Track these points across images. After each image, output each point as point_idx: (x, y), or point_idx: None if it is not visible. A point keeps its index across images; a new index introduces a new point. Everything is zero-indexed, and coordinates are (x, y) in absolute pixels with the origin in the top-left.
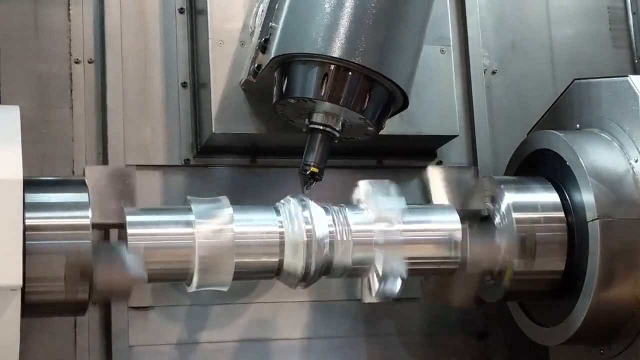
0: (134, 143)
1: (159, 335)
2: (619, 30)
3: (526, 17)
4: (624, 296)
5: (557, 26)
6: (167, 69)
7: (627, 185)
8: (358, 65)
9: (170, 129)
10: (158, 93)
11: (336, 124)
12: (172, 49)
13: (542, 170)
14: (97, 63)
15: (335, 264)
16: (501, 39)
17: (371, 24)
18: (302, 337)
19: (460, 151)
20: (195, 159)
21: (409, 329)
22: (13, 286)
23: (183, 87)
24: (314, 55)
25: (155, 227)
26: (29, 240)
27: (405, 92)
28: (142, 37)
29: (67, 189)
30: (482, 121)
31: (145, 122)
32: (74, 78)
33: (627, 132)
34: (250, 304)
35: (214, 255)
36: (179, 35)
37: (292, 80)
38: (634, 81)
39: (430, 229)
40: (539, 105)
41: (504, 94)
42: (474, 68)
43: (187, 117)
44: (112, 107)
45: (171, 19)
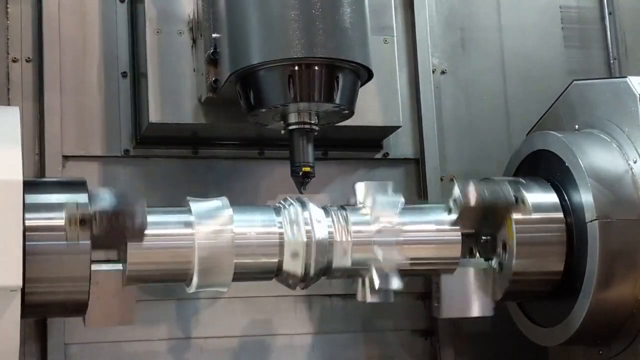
0: (73, 135)
1: (97, 333)
2: (571, 29)
3: (477, 16)
4: (623, 296)
5: (507, 25)
6: (107, 59)
7: (625, 185)
8: (320, 58)
9: (110, 120)
10: (98, 83)
11: (312, 118)
12: (112, 39)
13: (541, 171)
14: (35, 61)
15: (334, 264)
16: (451, 38)
17: (319, 14)
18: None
19: (407, 144)
20: (135, 150)
21: (355, 326)
22: (13, 287)
23: (123, 77)
24: (276, 61)
25: (155, 228)
26: (28, 240)
27: (368, 66)
28: (82, 27)
29: (66, 190)
30: (430, 115)
31: (84, 114)
32: (11, 77)
33: (626, 133)
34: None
35: (214, 256)
36: (119, 25)
37: (258, 91)
38: (633, 82)
39: (428, 229)
40: (488, 105)
41: (453, 94)
42: (422, 62)
43: (128, 108)
44: (50, 104)
45: (111, 8)
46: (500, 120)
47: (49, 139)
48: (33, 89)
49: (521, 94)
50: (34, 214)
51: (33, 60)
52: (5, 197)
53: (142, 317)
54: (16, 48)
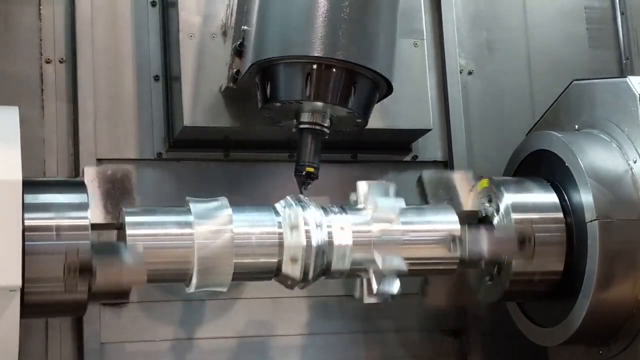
0: (106, 138)
1: (132, 332)
2: (597, 30)
3: (502, 17)
4: (623, 297)
5: (533, 26)
6: (139, 63)
7: (625, 185)
8: (340, 61)
9: (143, 123)
10: (130, 87)
11: (324, 120)
12: (144, 43)
13: (540, 171)
14: (69, 62)
15: (334, 264)
16: (477, 39)
17: (346, 17)
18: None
19: (435, 146)
20: (167, 153)
21: (384, 325)
22: (12, 287)
23: (155, 80)
24: (295, 57)
25: (154, 228)
26: (28, 240)
27: (388, 79)
28: (114, 31)
29: (66, 190)
30: (458, 116)
31: (117, 117)
32: (44, 78)
33: (626, 133)
34: (228, 300)
35: (213, 256)
36: (151, 29)
37: (275, 85)
38: (633, 82)
39: (429, 229)
40: (515, 106)
41: (480, 94)
42: (449, 64)
43: (160, 111)
44: (83, 105)
45: (143, 12)
46: (527, 120)
47: (83, 141)
48: (67, 90)
49: (547, 94)
50: (33, 214)
51: (66, 62)
52: (5, 197)
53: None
54: (49, 49)
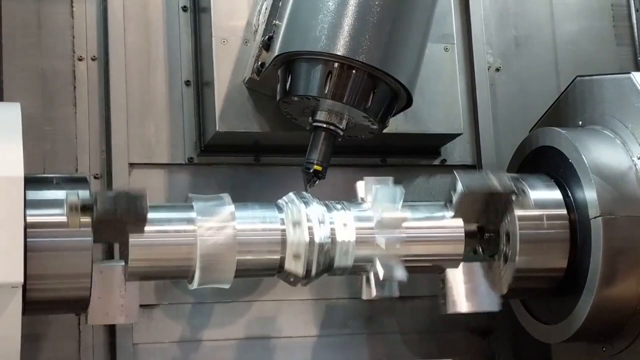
0: (138, 141)
1: (163, 333)
2: (623, 27)
3: (529, 14)
4: (627, 293)
5: (560, 23)
6: (170, 67)
7: (629, 182)
8: (362, 64)
9: (174, 128)
10: (161, 91)
11: (340, 122)
12: (175, 47)
13: (544, 168)
14: (101, 60)
15: (336, 261)
16: (504, 36)
17: (375, 22)
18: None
19: (464, 150)
20: (199, 158)
21: (412, 326)
22: (14, 283)
23: (187, 85)
24: (318, 53)
25: (157, 225)
26: (30, 237)
27: (409, 91)
28: (146, 35)
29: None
30: (486, 119)
31: (148, 121)
32: (77, 75)
33: (630, 129)
34: (253, 302)
35: (216, 253)
36: (182, 33)
37: (295, 78)
38: (637, 78)
39: (432, 226)
40: (542, 103)
41: (507, 91)
42: (478, 66)
43: (191, 116)
44: (116, 105)
45: (174, 16)
46: None
47: (116, 142)
48: (99, 88)
49: None
50: (35, 211)
51: (99, 60)
52: (7, 194)
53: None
54: (81, 47)
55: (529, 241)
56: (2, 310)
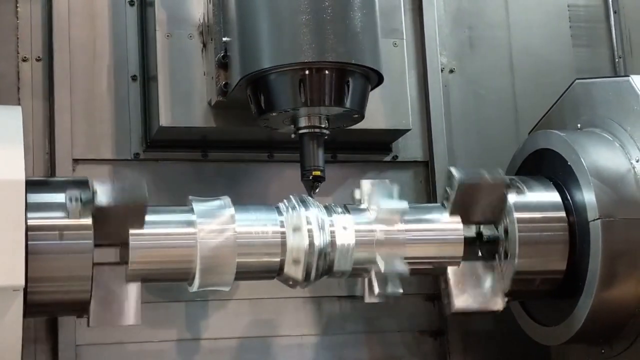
0: (83, 138)
1: (107, 334)
2: (581, 28)
3: (484, 14)
4: (626, 296)
5: (515, 24)
6: (117, 62)
7: (628, 185)
8: (331, 62)
9: (120, 123)
10: (107, 86)
11: (322, 122)
12: (122, 42)
13: (543, 170)
14: (45, 60)
15: (336, 265)
16: (459, 36)
17: (329, 18)
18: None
19: (415, 146)
20: (145, 153)
21: (362, 327)
22: (15, 286)
23: (133, 80)
24: (286, 65)
25: (157, 227)
26: (31, 240)
27: (379, 70)
28: (92, 31)
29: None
30: (439, 117)
31: (94, 117)
32: (21, 76)
33: (629, 132)
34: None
35: (216, 255)
36: (129, 28)
37: (269, 95)
38: (636, 81)
39: (431, 229)
40: (497, 103)
41: (461, 92)
42: (430, 63)
43: (137, 111)
44: (60, 104)
45: (121, 11)
46: (509, 118)
47: (60, 141)
48: (43, 89)
49: (530, 93)
50: (37, 214)
51: (43, 60)
52: (8, 197)
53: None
54: (26, 47)
55: (528, 244)
56: (3, 312)
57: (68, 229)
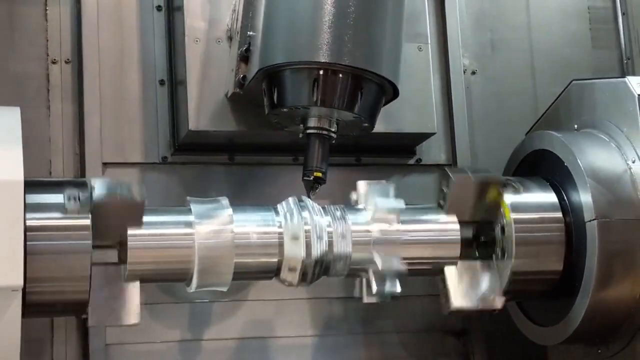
0: (111, 141)
1: (137, 334)
2: (601, 30)
3: (505, 17)
4: (622, 296)
5: (536, 26)
6: (144, 66)
7: (624, 185)
8: (346, 66)
9: (148, 127)
10: (135, 91)
11: (331, 125)
12: (149, 47)
13: (540, 171)
14: (74, 63)
15: (334, 264)
16: (480, 39)
17: (352, 23)
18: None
19: (439, 149)
20: (172, 157)
21: (396, 327)
22: (14, 286)
23: (161, 84)
24: (301, 63)
25: (155, 228)
26: (29, 240)
27: (394, 83)
28: (120, 35)
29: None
30: (461, 120)
31: (122, 120)
32: (50, 78)
33: (625, 133)
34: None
35: (214, 256)
36: (156, 33)
37: (282, 90)
38: (632, 82)
39: (428, 229)
40: (518, 105)
41: (483, 94)
42: (453, 67)
43: (165, 115)
44: (89, 107)
45: (148, 16)
46: (530, 119)
47: (89, 144)
48: (72, 91)
49: (550, 94)
50: (35, 214)
51: (72, 62)
52: (6, 197)
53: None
54: (55, 50)
55: (524, 244)
56: (2, 313)
57: (66, 230)
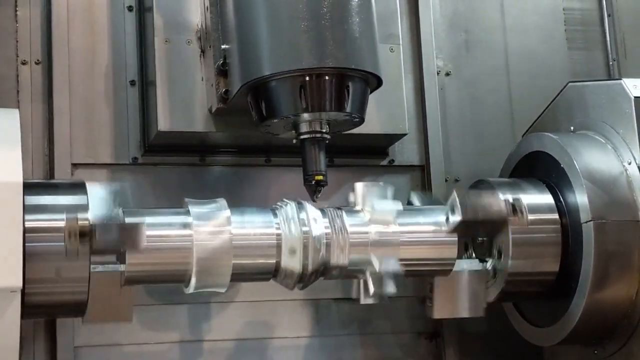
0: (81, 142)
1: (107, 336)
2: (577, 31)
3: (480, 18)
4: (618, 297)
5: (511, 27)
6: (115, 67)
7: (620, 187)
8: (331, 68)
9: (119, 128)
10: (106, 91)
11: (323, 127)
12: (120, 48)
13: (536, 172)
14: (44, 64)
15: (331, 265)
16: (455, 40)
17: (329, 23)
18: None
19: (412, 150)
20: (143, 158)
21: (369, 329)
22: (13, 287)
23: (132, 85)
24: (287, 72)
25: (153, 229)
26: (28, 242)
27: (378, 74)
28: (90, 36)
29: (66, 191)
30: (435, 121)
31: (93, 121)
32: (20, 80)
33: (621, 134)
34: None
35: (212, 257)
36: (127, 34)
37: (270, 102)
38: (628, 84)
39: (425, 231)
40: (493, 107)
41: (457, 96)
42: (427, 67)
43: (136, 116)
44: (59, 107)
45: (119, 17)
46: (505, 121)
47: (58, 145)
48: (42, 92)
49: (525, 95)
50: (34, 216)
51: (42, 63)
52: (5, 199)
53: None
54: (25, 51)
55: (521, 245)
56: (1, 314)
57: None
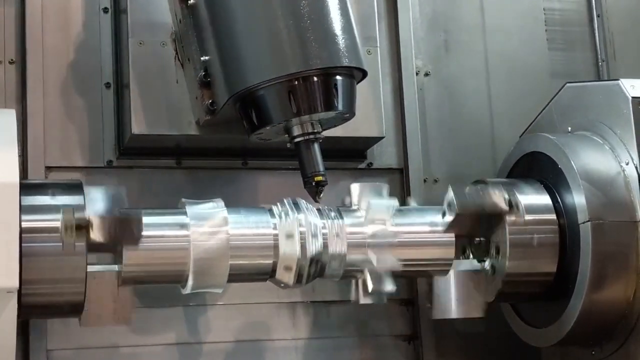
0: (55, 144)
1: (80, 339)
2: (557, 32)
3: (460, 18)
4: (615, 297)
5: (491, 27)
6: (90, 69)
7: (618, 187)
8: (317, 69)
9: (93, 130)
10: (81, 93)
11: (315, 127)
12: (95, 49)
13: (534, 173)
14: (18, 64)
15: (328, 265)
16: (434, 40)
17: (309, 23)
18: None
19: (390, 153)
20: (118, 161)
21: (347, 331)
22: (9, 288)
23: (107, 87)
24: (274, 79)
25: (150, 229)
26: (25, 242)
27: (362, 67)
28: (65, 37)
29: (63, 192)
30: (414, 122)
31: (67, 123)
32: None
33: (618, 135)
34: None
35: (209, 258)
36: (103, 35)
37: (260, 111)
38: (625, 85)
39: (422, 231)
40: (473, 108)
41: (436, 96)
42: (405, 68)
43: (111, 118)
44: (32, 109)
45: (95, 18)
46: (484, 120)
47: (32, 147)
48: (16, 92)
49: (505, 96)
50: (31, 216)
51: (16, 63)
52: (2, 199)
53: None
54: None
55: (518, 246)
56: None
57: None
